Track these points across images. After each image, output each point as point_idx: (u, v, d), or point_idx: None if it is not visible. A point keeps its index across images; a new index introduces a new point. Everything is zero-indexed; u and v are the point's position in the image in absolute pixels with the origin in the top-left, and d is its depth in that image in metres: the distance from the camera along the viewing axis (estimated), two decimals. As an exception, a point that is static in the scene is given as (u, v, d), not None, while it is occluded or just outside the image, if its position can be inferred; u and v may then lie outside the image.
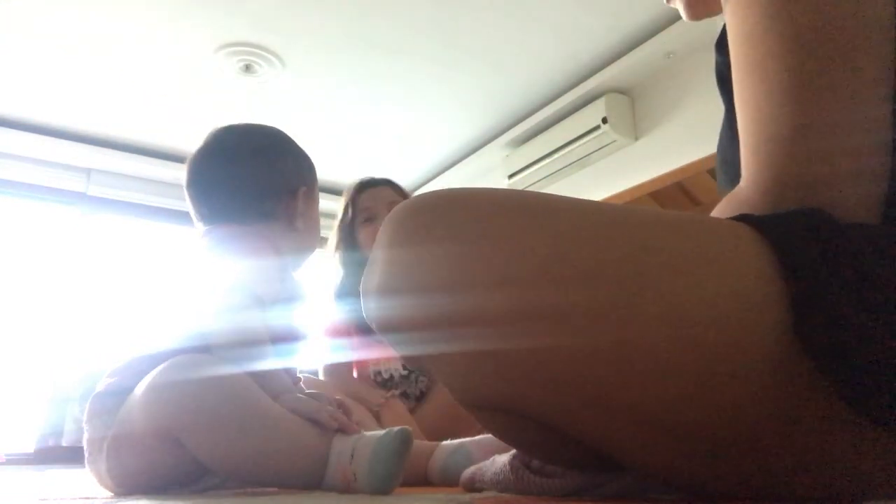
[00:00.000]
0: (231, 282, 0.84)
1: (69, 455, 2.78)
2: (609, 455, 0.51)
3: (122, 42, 2.45)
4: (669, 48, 2.46)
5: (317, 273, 1.81)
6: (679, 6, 0.73)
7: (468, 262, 0.46)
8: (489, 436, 0.84)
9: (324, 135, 3.13)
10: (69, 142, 3.07)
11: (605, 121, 2.65)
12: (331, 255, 1.74)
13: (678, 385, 0.42)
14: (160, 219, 3.43)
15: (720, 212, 0.51)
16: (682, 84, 2.54)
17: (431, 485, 0.90)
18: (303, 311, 0.95)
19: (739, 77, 0.50)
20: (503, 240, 0.45)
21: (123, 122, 3.03)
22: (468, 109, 2.95)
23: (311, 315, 1.62)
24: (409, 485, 0.86)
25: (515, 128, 3.02)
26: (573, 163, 2.86)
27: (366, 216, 1.67)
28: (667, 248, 0.43)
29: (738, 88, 0.50)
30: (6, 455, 2.75)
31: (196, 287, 0.88)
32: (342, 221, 1.71)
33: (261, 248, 0.90)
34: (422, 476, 0.91)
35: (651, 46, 2.46)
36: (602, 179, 2.81)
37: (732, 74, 0.51)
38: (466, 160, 3.33)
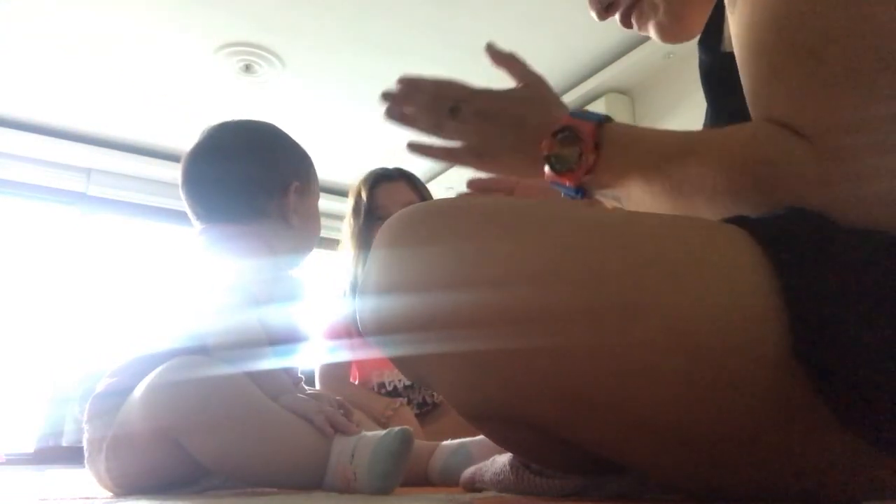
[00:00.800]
0: (225, 282, 0.84)
1: (69, 455, 2.77)
2: (609, 459, 0.51)
3: (122, 42, 2.45)
4: (669, 48, 2.46)
5: (325, 273, 1.80)
6: (652, 32, 0.73)
7: (464, 268, 0.46)
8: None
9: (324, 135, 3.13)
10: (69, 142, 3.07)
11: (605, 121, 2.65)
12: (342, 253, 1.69)
13: (677, 394, 0.42)
14: (160, 219, 3.42)
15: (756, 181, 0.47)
16: (682, 84, 2.54)
17: (432, 485, 0.90)
18: (301, 311, 0.95)
19: (763, 67, 0.48)
20: (499, 252, 0.45)
21: (123, 122, 3.03)
22: (468, 109, 2.95)
23: (313, 315, 1.62)
24: (410, 485, 0.86)
25: (515, 128, 3.01)
26: (573, 163, 2.86)
27: (381, 214, 1.63)
28: (664, 259, 0.43)
29: (760, 80, 0.49)
30: (6, 455, 2.75)
31: (192, 287, 0.88)
32: (355, 217, 1.66)
33: (255, 248, 0.89)
34: (422, 476, 0.91)
35: (651, 46, 2.46)
36: (602, 179, 2.81)
37: (754, 64, 0.49)
38: (467, 160, 3.32)
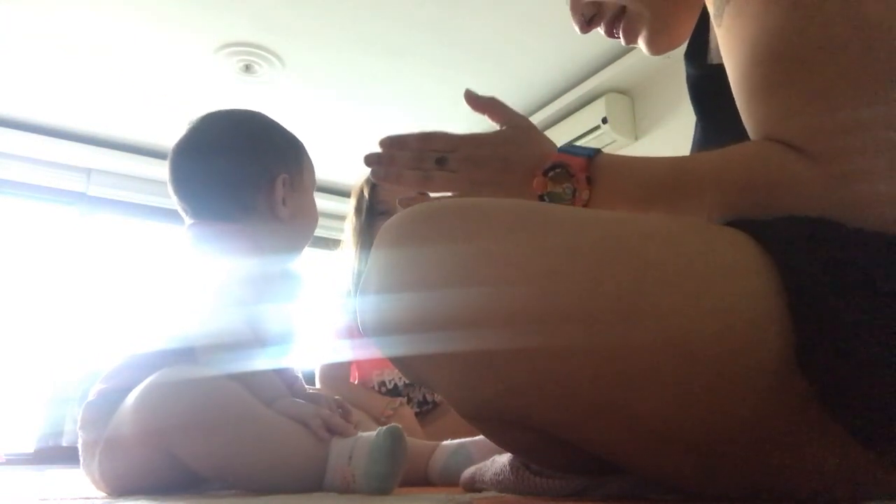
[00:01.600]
0: (210, 285, 0.83)
1: (69, 455, 2.76)
2: (610, 461, 0.51)
3: (122, 42, 2.45)
4: (669, 48, 2.46)
5: (325, 273, 1.80)
6: (642, 44, 0.74)
7: (464, 268, 0.46)
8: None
9: (324, 135, 3.13)
10: (69, 142, 3.06)
11: (605, 121, 2.65)
12: (344, 252, 1.68)
13: (676, 397, 0.42)
14: (160, 219, 3.42)
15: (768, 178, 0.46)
16: (682, 84, 2.52)
17: (432, 485, 0.90)
18: (296, 310, 0.93)
19: (765, 78, 0.47)
20: (499, 253, 0.45)
21: (123, 122, 3.02)
22: (468, 109, 2.94)
23: (310, 314, 1.60)
24: (410, 485, 0.86)
25: (515, 128, 3.02)
26: (573, 163, 2.85)
27: (382, 208, 1.62)
28: (665, 263, 0.42)
29: (764, 91, 0.47)
30: (6, 455, 2.74)
31: (179, 288, 0.87)
32: (357, 215, 1.66)
33: (241, 248, 0.87)
34: (422, 476, 0.91)
35: (651, 46, 2.45)
36: (602, 179, 2.81)
37: (751, 73, 0.48)
38: (467, 160, 3.32)
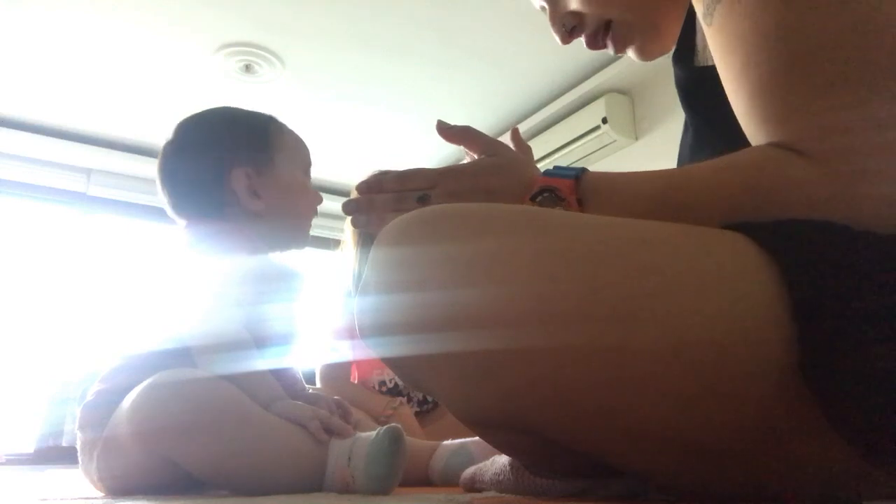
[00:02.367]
0: (206, 285, 0.83)
1: (69, 455, 2.76)
2: (609, 463, 0.51)
3: (122, 42, 2.45)
4: (669, 48, 2.46)
5: (326, 273, 1.80)
6: (632, 53, 0.74)
7: (462, 271, 0.46)
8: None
9: (324, 135, 3.13)
10: (69, 142, 3.06)
11: (605, 121, 2.65)
12: (344, 252, 1.68)
13: (676, 402, 0.42)
14: (160, 219, 3.36)
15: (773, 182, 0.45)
16: (683, 84, 2.54)
17: (432, 485, 0.90)
18: (295, 309, 0.93)
19: (763, 75, 0.46)
20: (498, 256, 0.45)
21: (123, 122, 3.02)
22: (468, 109, 2.95)
23: (310, 313, 1.60)
24: (410, 485, 0.86)
25: (516, 128, 3.02)
26: (573, 163, 2.86)
27: None
28: (663, 268, 0.42)
29: (760, 88, 0.46)
30: (6, 455, 2.74)
31: (176, 289, 0.87)
32: None
33: (235, 247, 0.88)
34: (423, 476, 0.91)
35: (651, 46, 2.46)
36: (602, 179, 2.81)
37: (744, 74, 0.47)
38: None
